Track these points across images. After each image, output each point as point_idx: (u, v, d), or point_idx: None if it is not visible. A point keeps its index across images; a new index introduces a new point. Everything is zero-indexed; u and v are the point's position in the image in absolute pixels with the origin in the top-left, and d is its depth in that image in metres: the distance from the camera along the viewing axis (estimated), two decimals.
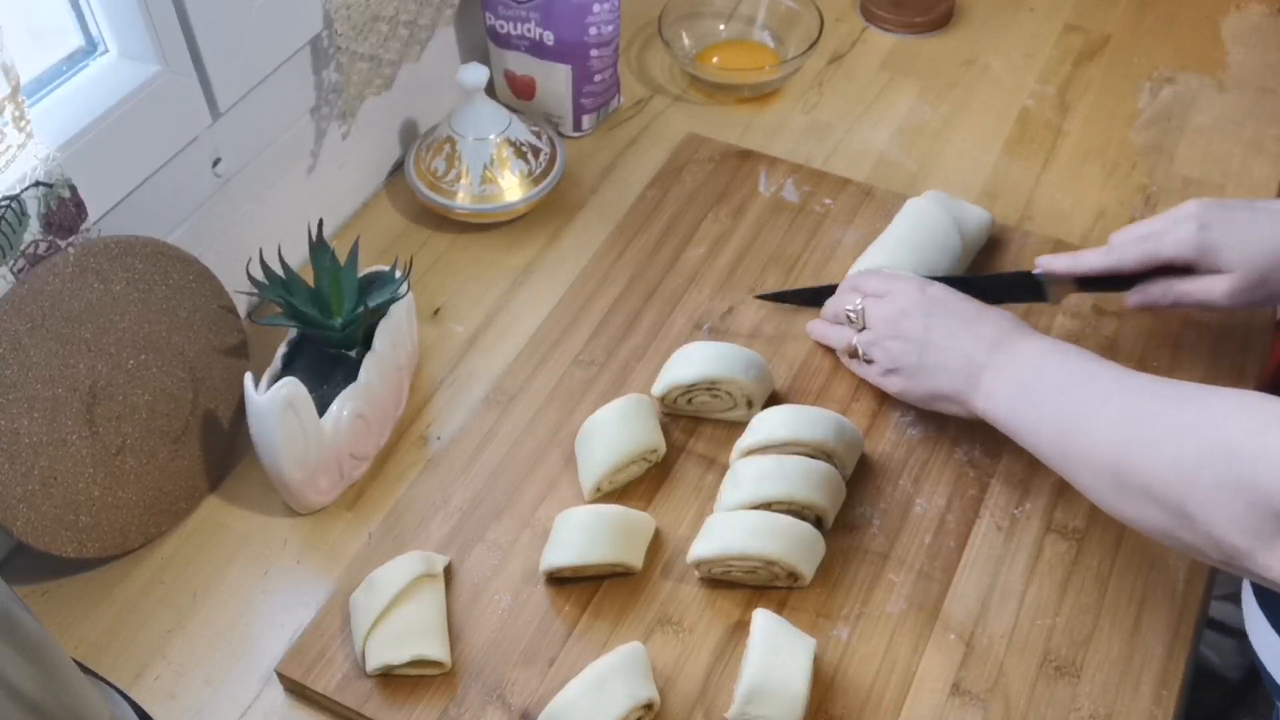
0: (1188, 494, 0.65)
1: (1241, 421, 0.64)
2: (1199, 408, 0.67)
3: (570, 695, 0.73)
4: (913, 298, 0.85)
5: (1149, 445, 0.68)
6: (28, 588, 0.84)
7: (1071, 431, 0.73)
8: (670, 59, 1.21)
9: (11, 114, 0.72)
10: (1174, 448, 0.66)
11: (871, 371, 0.89)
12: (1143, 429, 0.69)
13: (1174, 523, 0.66)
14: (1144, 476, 0.68)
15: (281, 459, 0.82)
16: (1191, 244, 0.83)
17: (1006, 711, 0.75)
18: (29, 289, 0.76)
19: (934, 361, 0.83)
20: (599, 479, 0.84)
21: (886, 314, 0.86)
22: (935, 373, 0.83)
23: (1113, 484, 0.70)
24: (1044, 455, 0.76)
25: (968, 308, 0.84)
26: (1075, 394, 0.75)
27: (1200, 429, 0.66)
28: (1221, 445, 0.63)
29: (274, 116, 0.95)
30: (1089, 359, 0.77)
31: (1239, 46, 1.23)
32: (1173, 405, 0.69)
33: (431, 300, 1.01)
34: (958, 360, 0.82)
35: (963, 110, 1.17)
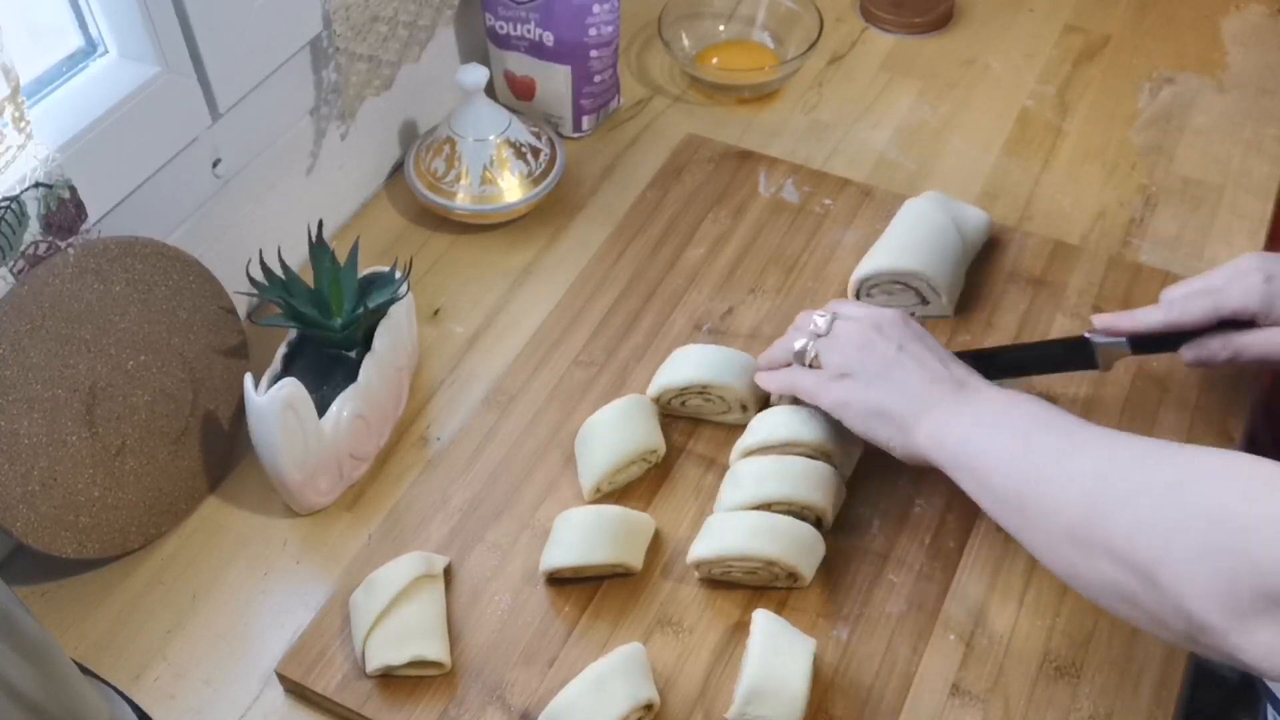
0: (1161, 559, 0.59)
1: (1233, 486, 0.59)
2: (1184, 467, 0.62)
3: (570, 696, 0.73)
4: (894, 322, 0.81)
5: (1123, 500, 0.62)
6: (28, 588, 0.84)
7: (1032, 476, 0.68)
8: (670, 59, 1.21)
9: (11, 115, 0.72)
10: (1151, 505, 0.61)
11: (809, 380, 0.82)
12: (1117, 483, 0.64)
13: (1137, 588, 0.61)
14: (1111, 533, 0.62)
15: (281, 459, 0.82)
16: (1258, 296, 0.79)
17: (1006, 712, 0.75)
18: (29, 290, 0.76)
19: (895, 377, 0.78)
20: (599, 479, 0.84)
21: (859, 327, 0.82)
22: (889, 389, 0.78)
23: (1071, 539, 0.65)
24: (993, 500, 0.71)
25: (941, 349, 0.81)
26: (1043, 441, 0.70)
27: (1184, 490, 0.60)
28: (1208, 509, 0.58)
29: (274, 117, 0.95)
30: (1064, 414, 0.72)
31: (1239, 47, 1.23)
32: (1152, 462, 0.64)
33: (431, 301, 1.01)
34: (918, 385, 0.77)
35: (962, 110, 1.17)
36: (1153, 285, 0.98)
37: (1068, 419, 0.72)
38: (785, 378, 0.84)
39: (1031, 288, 0.98)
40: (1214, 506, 0.58)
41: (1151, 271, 0.99)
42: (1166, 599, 0.59)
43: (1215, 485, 0.60)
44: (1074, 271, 0.99)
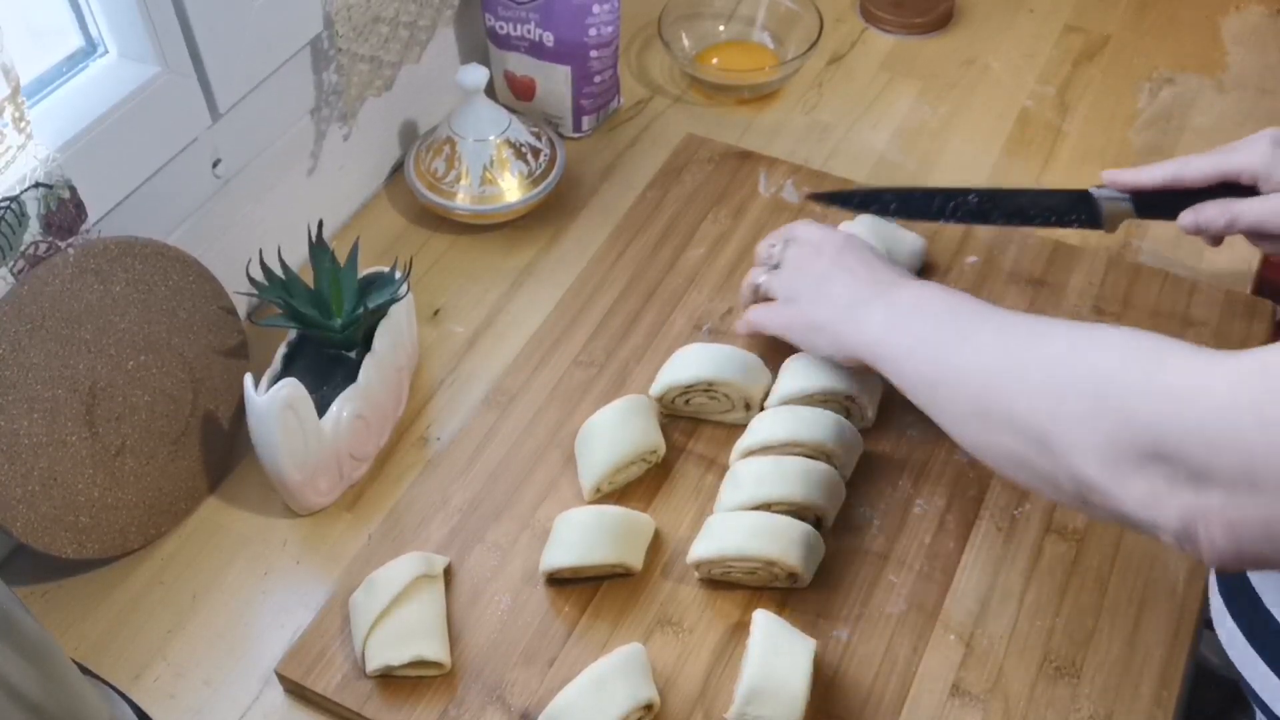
0: (1051, 422, 0.64)
1: (1115, 353, 0.63)
2: (1070, 339, 0.67)
3: (570, 696, 0.73)
4: (833, 242, 0.86)
5: (1018, 371, 0.67)
6: (28, 588, 0.84)
7: (939, 359, 0.73)
8: (670, 60, 1.21)
9: (11, 115, 0.72)
10: (1043, 374, 0.66)
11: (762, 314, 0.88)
12: (1013, 356, 0.69)
13: (1031, 452, 0.65)
14: (1008, 403, 0.67)
15: (281, 460, 0.82)
16: (1262, 159, 0.80)
17: (1006, 712, 0.75)
18: (29, 290, 0.76)
19: (824, 291, 0.83)
20: (599, 480, 0.84)
21: (801, 253, 0.87)
22: (821, 302, 0.83)
23: (976, 412, 0.70)
24: (908, 384, 0.76)
25: (878, 259, 0.85)
26: (949, 324, 0.74)
27: (1073, 357, 0.65)
28: (1094, 375, 0.63)
29: (274, 118, 0.95)
30: (974, 300, 0.76)
31: (1239, 47, 1.23)
32: (1047, 337, 0.68)
33: (431, 301, 1.01)
34: (844, 291, 0.82)
35: (962, 111, 1.17)
36: (1152, 286, 0.98)
37: (975, 304, 0.76)
38: (748, 316, 0.90)
39: (1031, 288, 0.98)
40: (1096, 373, 0.63)
41: (1151, 272, 0.99)
42: (1058, 461, 0.64)
43: (1097, 354, 0.64)
44: (1074, 272, 0.99)
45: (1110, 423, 0.61)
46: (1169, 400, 0.59)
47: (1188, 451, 0.58)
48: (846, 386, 0.85)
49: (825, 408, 0.85)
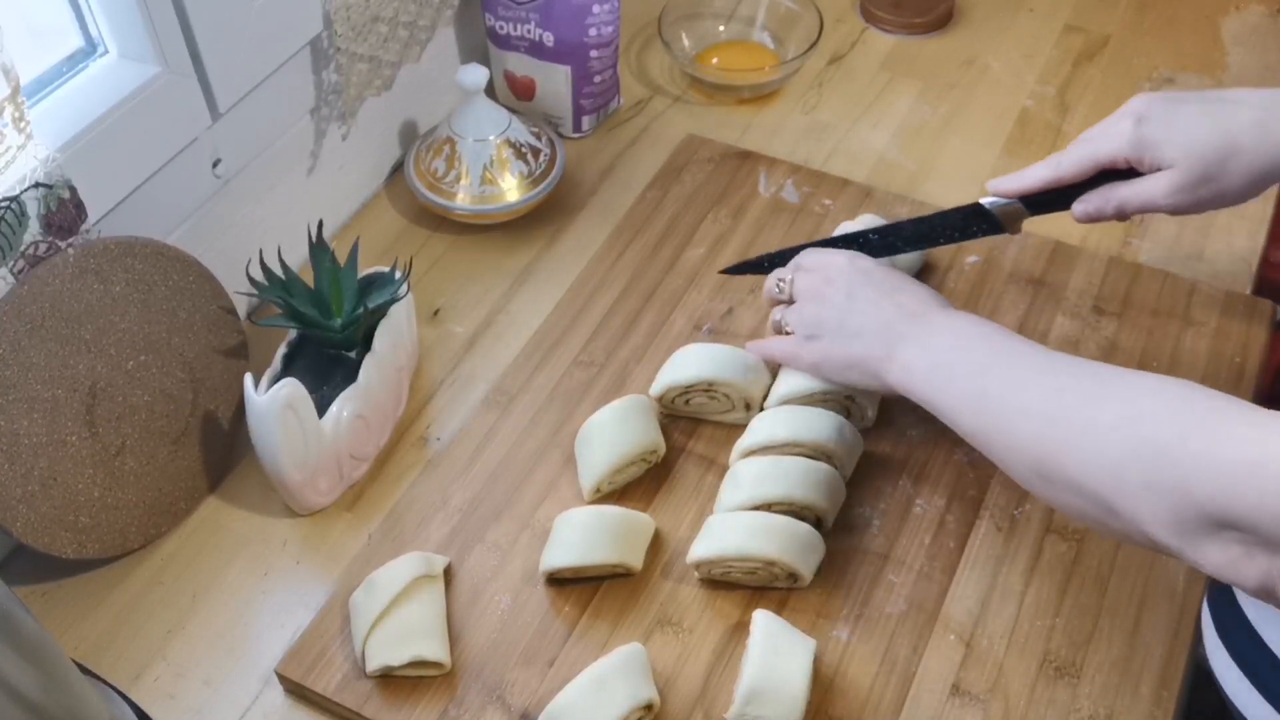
0: (1114, 491, 0.63)
1: (1165, 422, 0.62)
2: (1124, 402, 0.65)
3: (570, 696, 0.73)
4: (840, 268, 0.84)
5: (1073, 441, 0.66)
6: (28, 588, 0.84)
7: (993, 418, 0.72)
8: (670, 60, 1.21)
9: (11, 115, 0.72)
10: (1098, 444, 0.64)
11: (786, 347, 0.86)
12: (1065, 424, 0.67)
13: (1102, 514, 0.65)
14: (1068, 471, 0.66)
15: (281, 460, 0.82)
16: (1128, 141, 0.78)
17: (1006, 712, 0.75)
18: (29, 290, 0.76)
19: (854, 326, 0.81)
20: (599, 480, 0.84)
21: (812, 283, 0.85)
22: (853, 338, 0.81)
23: (1037, 474, 0.68)
24: (965, 435, 0.74)
25: (893, 278, 0.83)
26: (997, 377, 0.72)
27: (1125, 428, 0.63)
28: (1151, 448, 0.61)
29: (274, 117, 0.95)
30: (1010, 337, 0.75)
31: (1239, 47, 1.23)
32: (1097, 399, 0.66)
33: (431, 301, 1.01)
34: (877, 327, 0.80)
35: (963, 111, 1.17)
36: (1152, 286, 0.98)
37: (1015, 345, 0.74)
38: (765, 346, 0.88)
39: (1031, 288, 0.98)
40: (1152, 444, 0.62)
41: (1151, 271, 0.99)
42: (1128, 524, 0.63)
43: (1151, 424, 0.63)
44: (1074, 272, 0.99)
45: (1173, 497, 0.60)
46: (1230, 474, 0.58)
47: (1255, 522, 0.57)
48: (846, 386, 0.85)
49: (825, 407, 0.85)
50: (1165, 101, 0.78)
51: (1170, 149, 0.77)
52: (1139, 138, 0.77)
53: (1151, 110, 0.78)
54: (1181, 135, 0.76)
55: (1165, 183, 0.78)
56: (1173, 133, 0.76)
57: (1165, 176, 0.77)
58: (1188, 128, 0.76)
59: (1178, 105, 0.78)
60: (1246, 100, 0.76)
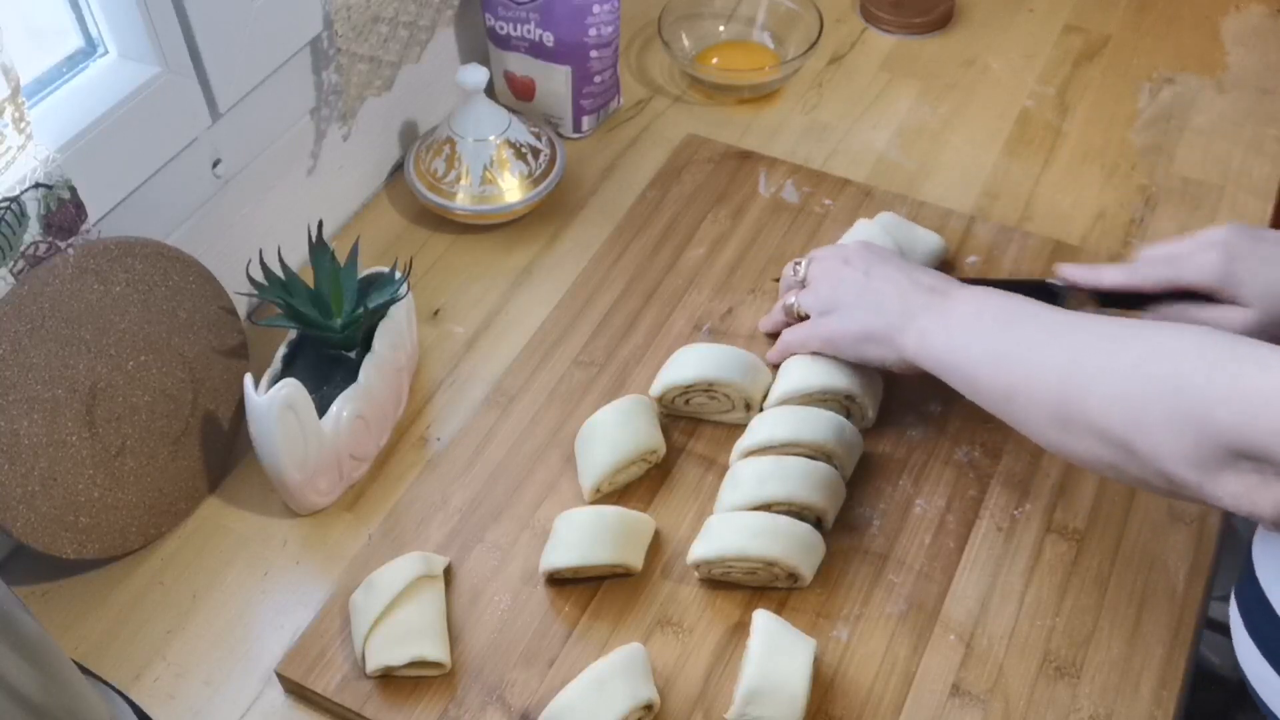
0: (1135, 429, 0.65)
1: (1190, 358, 0.64)
2: (1146, 343, 0.67)
3: (570, 696, 0.73)
4: (857, 250, 0.87)
5: (1095, 381, 0.68)
6: (28, 588, 0.84)
7: (1014, 369, 0.73)
8: (670, 60, 1.21)
9: (11, 115, 0.72)
10: (1120, 383, 0.66)
11: (800, 332, 0.88)
12: (1088, 365, 0.69)
13: (1120, 457, 0.66)
14: (1089, 413, 0.67)
15: (281, 460, 0.82)
16: (1214, 273, 0.80)
17: (1006, 712, 0.75)
18: (29, 290, 0.76)
19: (869, 300, 0.83)
20: (599, 480, 0.84)
21: (828, 265, 0.88)
22: (869, 311, 0.83)
23: (1056, 421, 0.70)
24: (981, 394, 0.76)
25: (909, 261, 0.86)
26: (1018, 332, 0.74)
27: (1147, 365, 0.65)
28: (1170, 381, 0.64)
29: (274, 118, 0.95)
30: (1028, 302, 0.77)
31: (1239, 47, 1.23)
32: (1119, 342, 0.69)
33: (431, 301, 1.01)
34: (894, 300, 0.82)
35: (962, 111, 1.17)
36: None
37: (1035, 309, 0.76)
38: (781, 341, 0.90)
39: None
40: (1175, 381, 0.64)
41: None
42: (1146, 465, 0.65)
43: (1174, 360, 0.65)
44: None
45: (1195, 429, 0.62)
46: (1251, 403, 0.60)
47: (1275, 450, 0.59)
48: (846, 385, 0.85)
49: (825, 407, 0.85)
50: (1253, 240, 0.80)
51: (1251, 290, 0.79)
52: (1228, 274, 0.79)
53: (1241, 247, 0.80)
54: (1264, 279, 0.79)
55: (1242, 320, 0.80)
56: (1258, 275, 0.79)
57: (1243, 314, 0.80)
58: (1273, 273, 0.79)
59: (1261, 244, 0.80)
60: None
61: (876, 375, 0.88)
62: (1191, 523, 0.84)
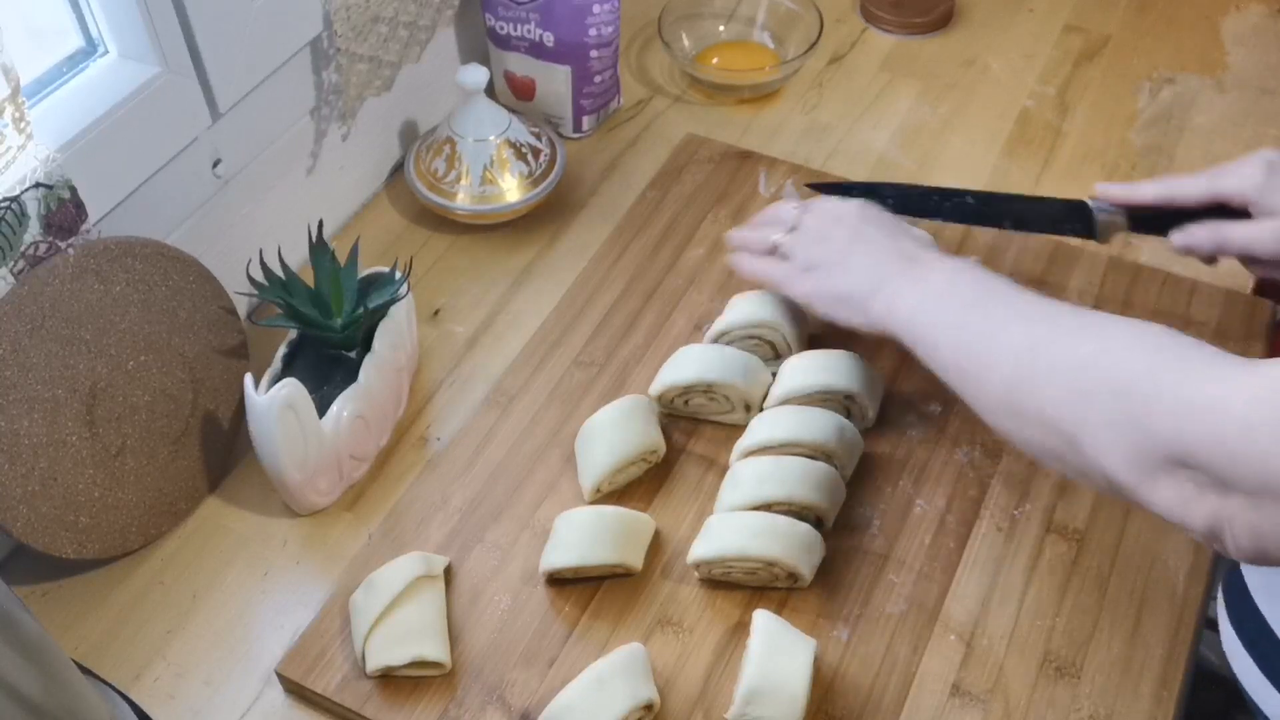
0: (1079, 424, 0.65)
1: (1140, 360, 0.64)
2: (1102, 340, 0.68)
3: (570, 696, 0.73)
4: (850, 209, 0.87)
5: (1046, 372, 0.68)
6: (28, 588, 0.84)
7: (972, 348, 0.74)
8: (670, 60, 1.21)
9: (11, 115, 0.72)
10: (1071, 378, 0.67)
11: (780, 272, 0.88)
12: (1042, 355, 0.69)
13: (1064, 449, 0.67)
14: (1038, 402, 0.68)
15: (281, 460, 0.82)
16: (1255, 182, 0.80)
17: (1006, 712, 0.75)
18: (29, 290, 0.76)
19: (849, 263, 0.84)
20: (599, 480, 0.84)
21: (820, 220, 0.88)
22: (846, 273, 0.84)
23: (1006, 406, 0.71)
24: (940, 366, 0.76)
25: (899, 227, 0.86)
26: (983, 311, 0.75)
27: (1100, 363, 0.66)
28: (1119, 383, 0.64)
29: (274, 118, 0.95)
30: (1002, 281, 0.77)
31: (1239, 47, 1.23)
32: (1076, 336, 0.69)
33: (431, 301, 1.01)
34: (870, 263, 0.83)
35: (962, 111, 1.17)
36: (1152, 286, 0.98)
37: (1006, 289, 0.76)
38: (760, 267, 0.90)
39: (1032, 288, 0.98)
40: (1121, 382, 0.64)
41: (1152, 272, 0.99)
42: (1088, 460, 0.65)
43: (1123, 360, 0.65)
44: (1074, 272, 0.99)
45: (1136, 432, 0.62)
46: (1191, 413, 0.60)
47: (1210, 462, 0.59)
48: (846, 385, 0.85)
49: (825, 407, 0.85)
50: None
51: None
52: (1268, 184, 0.80)
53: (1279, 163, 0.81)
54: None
55: (1274, 230, 0.80)
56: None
57: (1275, 224, 0.80)
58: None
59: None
60: None
61: (877, 375, 0.88)
62: None
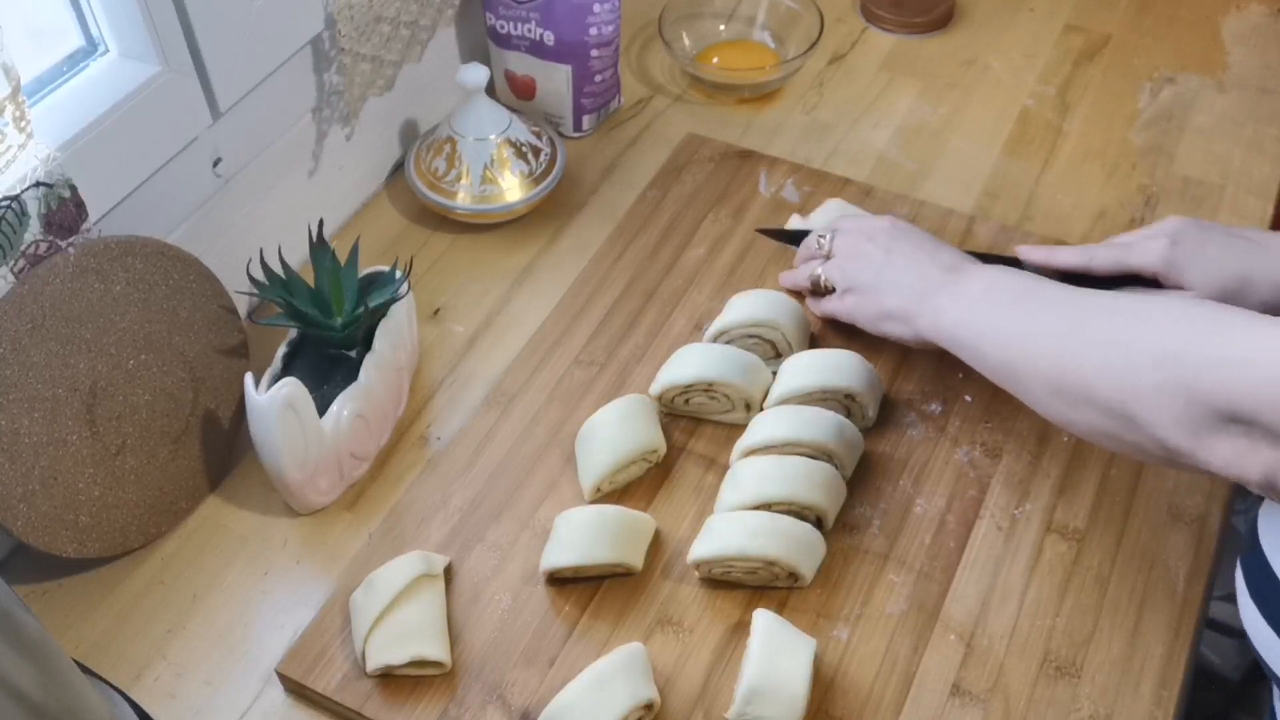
0: (1130, 398, 0.68)
1: (1179, 325, 0.68)
2: (1140, 316, 0.71)
3: (570, 695, 0.73)
4: (880, 226, 0.90)
5: (1093, 352, 0.71)
6: (28, 588, 0.84)
7: (1017, 342, 0.77)
8: (670, 59, 1.21)
9: (12, 114, 0.72)
10: (1117, 354, 0.69)
11: (829, 302, 0.92)
12: (1087, 336, 0.72)
13: (1117, 426, 0.70)
14: (1087, 382, 0.71)
15: (282, 459, 0.82)
16: (1158, 258, 0.86)
17: (1006, 712, 0.75)
18: (29, 289, 0.76)
19: (889, 279, 0.87)
20: (599, 479, 0.84)
21: (852, 240, 0.91)
22: (888, 290, 0.87)
23: (1056, 391, 0.73)
24: (988, 368, 0.79)
25: (931, 240, 0.89)
26: (1021, 308, 0.78)
27: (1142, 336, 0.69)
28: (1163, 350, 0.67)
29: (274, 117, 0.95)
30: (1037, 280, 0.80)
31: (1239, 47, 1.23)
32: (1116, 315, 0.72)
33: (432, 300, 1.01)
34: (911, 279, 0.86)
35: (963, 110, 1.17)
36: None
37: (1042, 285, 0.79)
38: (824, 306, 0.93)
39: None
40: (1163, 349, 0.67)
41: None
42: (1143, 432, 0.68)
43: (1163, 329, 0.68)
44: None
45: (1185, 395, 0.65)
46: (1236, 369, 0.63)
47: (1261, 414, 0.62)
48: (846, 384, 0.85)
49: (825, 406, 0.85)
50: (1198, 230, 0.86)
51: (1193, 274, 0.85)
52: (1171, 259, 0.85)
53: (1185, 235, 0.86)
54: (1205, 265, 0.85)
55: None
56: (1198, 261, 0.85)
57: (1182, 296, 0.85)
58: (1213, 258, 0.85)
59: (1207, 234, 0.86)
60: (1267, 244, 0.85)
61: (876, 375, 0.88)
62: (1191, 523, 0.84)
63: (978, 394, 0.91)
